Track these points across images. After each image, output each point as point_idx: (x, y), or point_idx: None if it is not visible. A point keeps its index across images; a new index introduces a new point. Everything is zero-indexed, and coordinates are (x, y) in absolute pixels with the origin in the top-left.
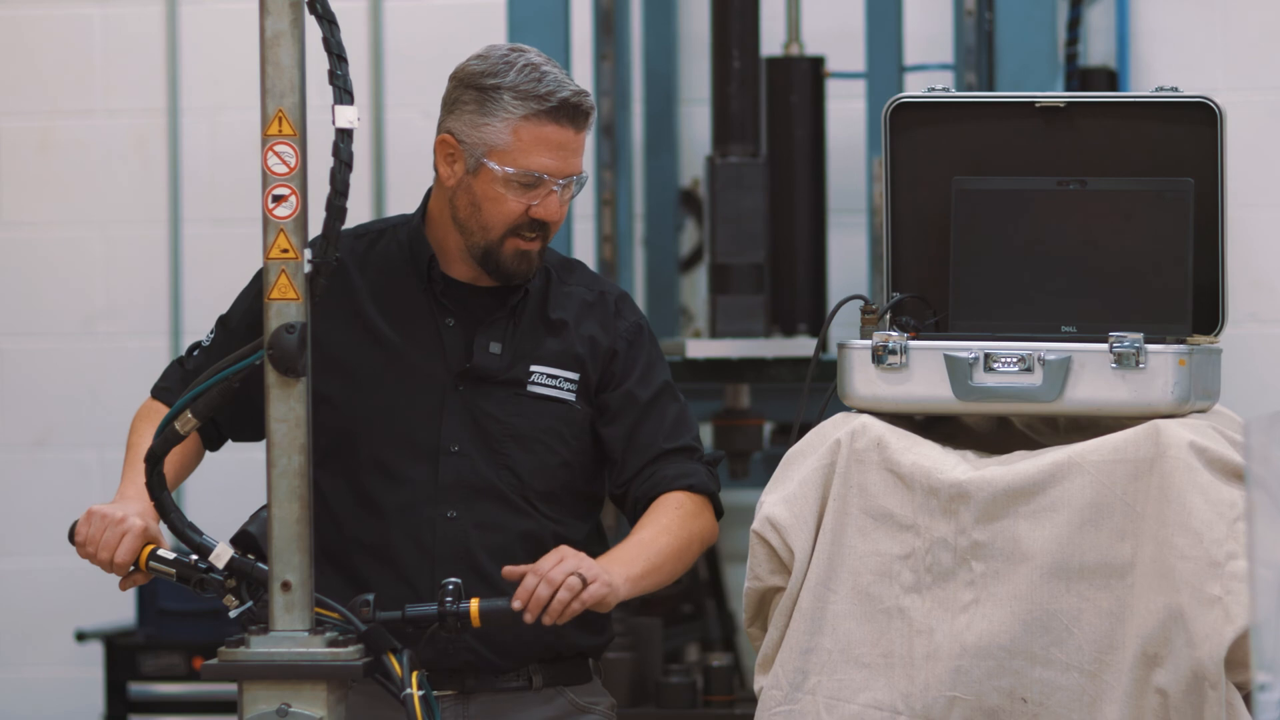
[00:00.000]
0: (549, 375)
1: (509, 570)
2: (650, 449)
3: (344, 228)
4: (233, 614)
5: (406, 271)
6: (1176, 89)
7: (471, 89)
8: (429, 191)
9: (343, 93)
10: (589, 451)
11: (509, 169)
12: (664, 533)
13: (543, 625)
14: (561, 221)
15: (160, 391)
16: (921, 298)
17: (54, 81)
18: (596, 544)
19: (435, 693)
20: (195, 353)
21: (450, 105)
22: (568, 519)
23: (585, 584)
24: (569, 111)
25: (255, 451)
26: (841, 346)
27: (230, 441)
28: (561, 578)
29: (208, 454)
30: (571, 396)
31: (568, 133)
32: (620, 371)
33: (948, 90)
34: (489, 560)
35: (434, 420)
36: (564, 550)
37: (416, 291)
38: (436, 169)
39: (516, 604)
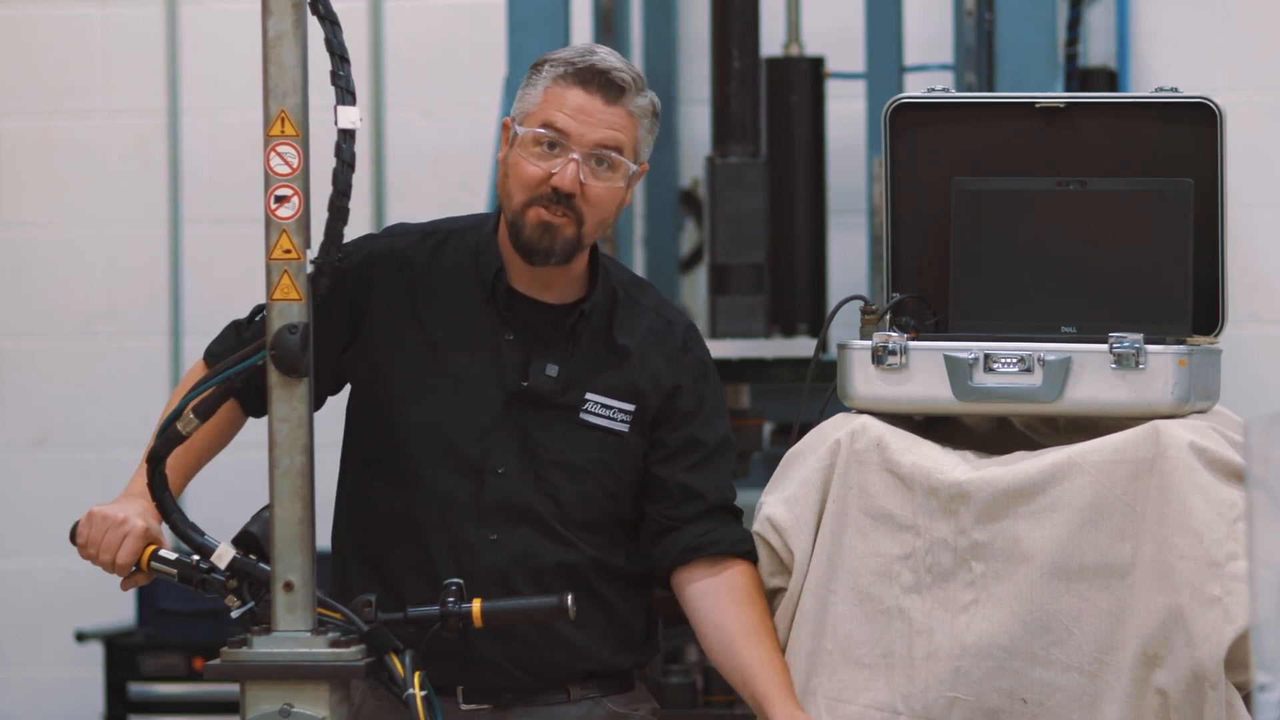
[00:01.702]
0: (604, 405)
1: None
2: (704, 499)
3: (413, 224)
4: (234, 614)
5: (471, 279)
6: (1176, 89)
7: (530, 71)
8: None
9: (345, 93)
10: (637, 483)
11: (530, 129)
12: (767, 628)
13: (580, 648)
14: (600, 206)
15: (210, 356)
16: (921, 298)
17: (54, 81)
18: (638, 564)
19: (471, 707)
20: (257, 318)
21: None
22: (607, 547)
23: None
24: (597, 77)
25: (256, 451)
26: (841, 347)
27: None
28: None
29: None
30: (625, 428)
31: (594, 99)
32: (685, 408)
33: (948, 90)
34: (526, 587)
35: (483, 439)
36: None
37: (479, 301)
38: (498, 156)
39: None
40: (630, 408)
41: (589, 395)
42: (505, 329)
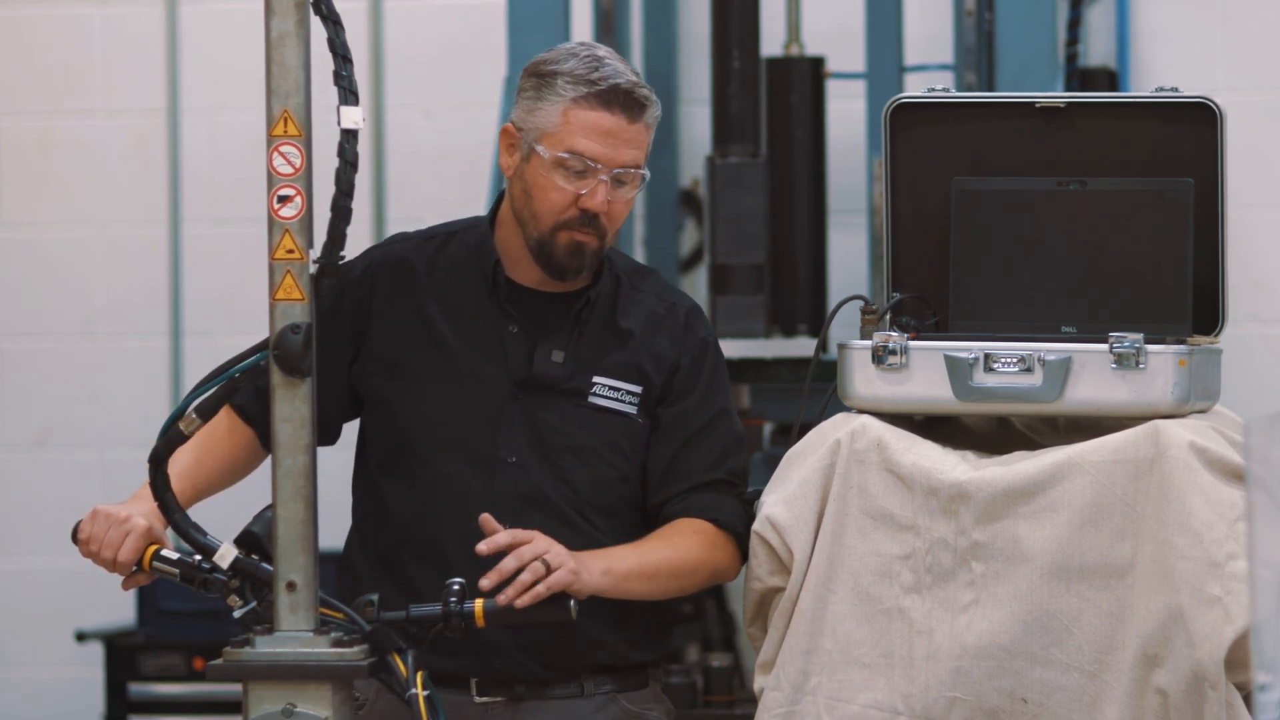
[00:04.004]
0: (611, 387)
1: (483, 545)
2: (689, 478)
3: (414, 231)
4: (237, 614)
5: (474, 276)
6: (1176, 89)
7: (533, 76)
8: (502, 193)
9: (348, 93)
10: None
11: (556, 152)
12: (667, 546)
13: (593, 639)
14: (620, 218)
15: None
16: (921, 298)
17: (54, 81)
18: None
19: (485, 699)
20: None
21: (517, 95)
22: (622, 534)
23: (549, 570)
24: (620, 98)
25: None
26: (841, 347)
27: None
28: (530, 557)
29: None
30: (633, 410)
31: (619, 120)
32: (680, 387)
33: (948, 90)
34: None
35: (492, 429)
36: (536, 535)
37: (482, 297)
38: (499, 162)
39: (484, 582)
40: (638, 389)
41: (596, 379)
42: (509, 321)
